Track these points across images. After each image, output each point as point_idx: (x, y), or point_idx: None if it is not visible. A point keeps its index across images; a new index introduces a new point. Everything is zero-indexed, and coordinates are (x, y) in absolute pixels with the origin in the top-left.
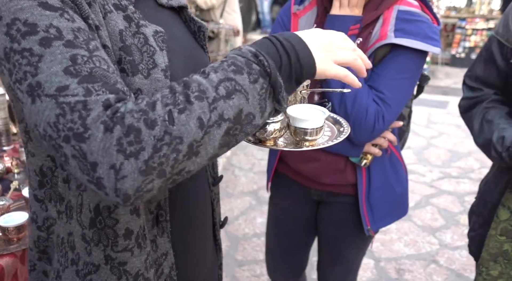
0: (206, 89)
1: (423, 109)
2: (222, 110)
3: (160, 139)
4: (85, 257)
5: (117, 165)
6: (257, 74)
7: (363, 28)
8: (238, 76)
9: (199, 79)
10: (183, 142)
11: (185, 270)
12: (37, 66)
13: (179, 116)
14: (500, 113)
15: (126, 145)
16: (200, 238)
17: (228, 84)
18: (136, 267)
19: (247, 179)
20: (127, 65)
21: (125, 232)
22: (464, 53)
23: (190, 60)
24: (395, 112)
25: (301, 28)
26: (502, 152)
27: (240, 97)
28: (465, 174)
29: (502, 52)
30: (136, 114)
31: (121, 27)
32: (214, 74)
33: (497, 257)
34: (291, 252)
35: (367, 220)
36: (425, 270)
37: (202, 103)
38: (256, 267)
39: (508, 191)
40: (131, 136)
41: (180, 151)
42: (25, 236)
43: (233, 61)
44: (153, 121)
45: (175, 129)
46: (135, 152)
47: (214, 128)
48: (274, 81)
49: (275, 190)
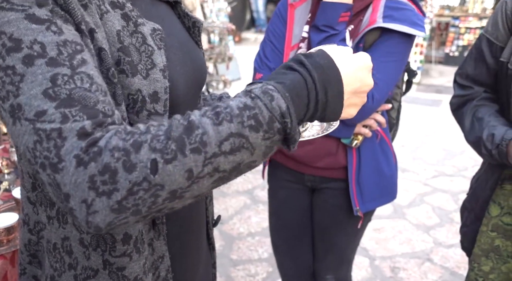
0: (209, 142)
1: (417, 107)
2: (219, 164)
3: (137, 184)
4: (84, 262)
5: (88, 201)
6: (274, 134)
7: (354, 16)
8: (253, 134)
9: (207, 126)
10: (164, 189)
11: (181, 272)
12: (18, 87)
13: (165, 166)
14: (490, 111)
15: (99, 183)
16: (195, 239)
17: (237, 141)
18: (135, 272)
19: (241, 178)
20: (126, 66)
21: (123, 237)
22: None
23: (187, 56)
24: (384, 92)
25: (297, 18)
26: (492, 149)
27: (244, 153)
28: (459, 172)
29: (492, 50)
30: (117, 154)
31: (119, 28)
32: (227, 124)
33: (488, 253)
34: (294, 245)
35: (356, 201)
36: (420, 268)
37: (198, 156)
38: (251, 267)
39: (498, 187)
40: (105, 175)
41: (160, 196)
42: (15, 237)
43: (255, 113)
44: (132, 165)
45: (156, 178)
46: (107, 192)
47: (205, 179)
48: (291, 138)
49: (271, 181)
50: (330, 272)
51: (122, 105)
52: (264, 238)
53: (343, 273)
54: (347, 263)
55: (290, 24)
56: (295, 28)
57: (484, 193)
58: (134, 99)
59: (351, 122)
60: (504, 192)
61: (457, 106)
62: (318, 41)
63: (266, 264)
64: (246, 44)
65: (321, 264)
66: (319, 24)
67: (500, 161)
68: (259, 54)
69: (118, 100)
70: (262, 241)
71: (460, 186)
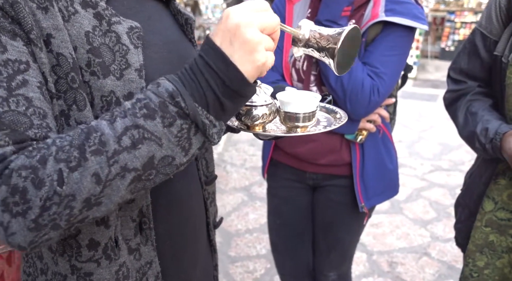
0: (106, 140)
1: (414, 103)
2: (125, 162)
3: (48, 199)
4: (53, 267)
5: (4, 223)
6: (172, 118)
7: (355, 11)
8: (149, 122)
9: (103, 127)
10: (76, 199)
11: (174, 276)
12: None
13: (70, 175)
14: (484, 105)
15: (12, 205)
16: (192, 241)
17: (134, 133)
18: (104, 279)
19: (239, 175)
20: (97, 68)
21: (88, 242)
22: (453, 46)
23: (173, 55)
24: (389, 86)
25: (295, 14)
26: (485, 144)
27: (149, 144)
28: (455, 167)
29: (485, 44)
30: (24, 173)
31: (88, 29)
32: (121, 120)
33: (483, 248)
34: (294, 244)
35: (361, 197)
36: (417, 263)
37: (100, 158)
38: (249, 263)
39: (492, 182)
40: (16, 196)
41: (74, 207)
42: None
43: (146, 102)
44: (41, 181)
45: (64, 190)
46: (21, 212)
47: (117, 180)
48: (196, 120)
49: (271, 180)
50: (333, 269)
51: (84, 111)
52: (262, 234)
53: (345, 270)
54: (349, 259)
55: (289, 20)
56: (294, 23)
57: (478, 188)
58: (108, 101)
59: (357, 116)
60: (498, 187)
61: (451, 101)
62: None
63: (264, 260)
64: None
65: (324, 262)
66: (322, 19)
67: (494, 155)
68: None
69: (79, 106)
70: (260, 238)
71: (456, 180)
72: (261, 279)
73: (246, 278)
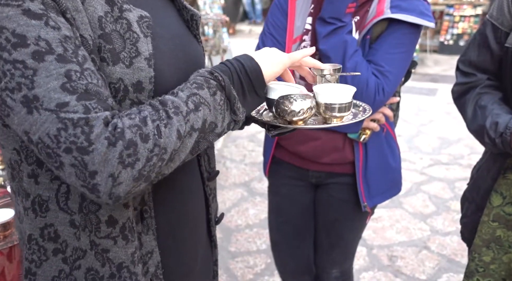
0: (179, 105)
1: (413, 97)
2: (193, 121)
3: (151, 151)
4: (74, 243)
5: (115, 174)
6: (215, 88)
7: (359, 7)
8: (201, 91)
9: (171, 97)
10: (167, 151)
11: (174, 268)
12: (33, 80)
13: (165, 130)
14: (494, 99)
15: (125, 156)
16: (192, 235)
17: (194, 99)
18: (120, 258)
19: (238, 171)
20: (107, 54)
21: (108, 219)
22: (453, 40)
23: (179, 49)
24: (393, 84)
25: (298, 9)
26: (495, 138)
27: (205, 108)
28: (455, 160)
29: (496, 35)
30: (133, 129)
31: (101, 13)
32: (182, 92)
33: (489, 243)
34: (296, 242)
35: (364, 197)
36: (417, 256)
37: (179, 117)
38: (250, 259)
39: (500, 176)
40: (130, 149)
41: (164, 159)
42: (11, 233)
43: (194, 80)
44: (146, 135)
45: (162, 142)
46: (131, 163)
47: (187, 138)
48: (229, 94)
49: (273, 178)
50: (335, 266)
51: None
52: (262, 229)
53: (347, 266)
54: (351, 256)
55: (291, 15)
56: (296, 20)
57: (486, 183)
58: (116, 88)
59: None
60: (507, 181)
61: (460, 94)
62: (325, 34)
63: (265, 255)
64: (240, 37)
65: (326, 259)
66: (326, 16)
67: (503, 150)
68: (259, 47)
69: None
70: (260, 233)
71: (456, 174)
72: (261, 274)
73: (247, 273)
